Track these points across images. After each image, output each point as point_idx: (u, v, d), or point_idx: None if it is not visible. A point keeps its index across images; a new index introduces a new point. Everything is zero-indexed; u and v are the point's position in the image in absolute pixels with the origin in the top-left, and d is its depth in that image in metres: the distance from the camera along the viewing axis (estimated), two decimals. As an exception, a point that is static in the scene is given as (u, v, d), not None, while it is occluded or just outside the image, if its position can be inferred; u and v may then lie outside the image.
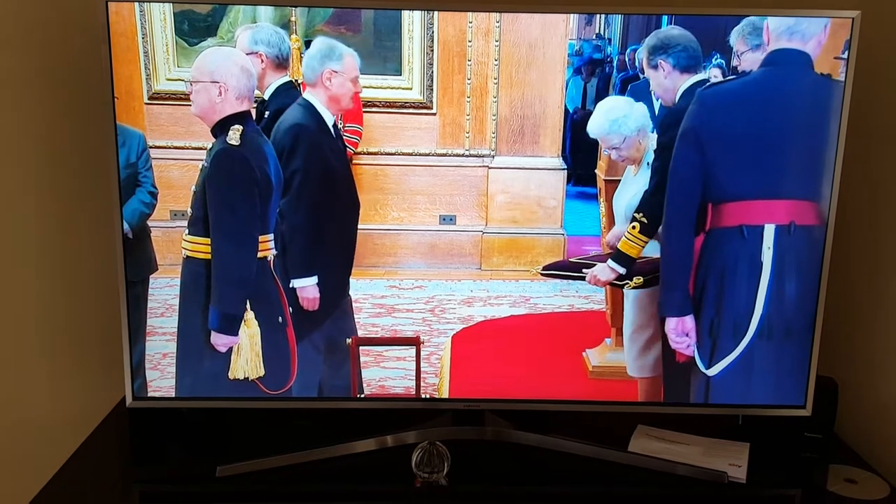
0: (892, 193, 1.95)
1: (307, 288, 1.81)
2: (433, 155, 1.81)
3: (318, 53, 1.73)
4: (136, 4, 1.68)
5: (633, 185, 1.82)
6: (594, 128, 1.77)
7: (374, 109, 1.79)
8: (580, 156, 1.81)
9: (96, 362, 2.16)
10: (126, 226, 1.76)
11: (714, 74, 1.77)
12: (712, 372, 1.84)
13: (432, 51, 1.77)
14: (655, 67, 1.73)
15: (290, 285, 1.81)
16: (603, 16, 1.76)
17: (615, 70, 1.78)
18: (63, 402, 2.20)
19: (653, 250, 1.81)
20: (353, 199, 1.80)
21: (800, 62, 1.72)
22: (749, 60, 1.73)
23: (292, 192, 1.77)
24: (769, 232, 1.78)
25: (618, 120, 1.77)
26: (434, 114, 1.81)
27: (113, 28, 1.69)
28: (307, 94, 1.77)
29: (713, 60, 1.76)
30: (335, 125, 1.78)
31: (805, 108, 1.74)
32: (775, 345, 1.82)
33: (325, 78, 1.74)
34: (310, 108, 1.77)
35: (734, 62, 1.74)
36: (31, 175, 2.07)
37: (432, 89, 1.80)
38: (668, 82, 1.74)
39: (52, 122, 2.05)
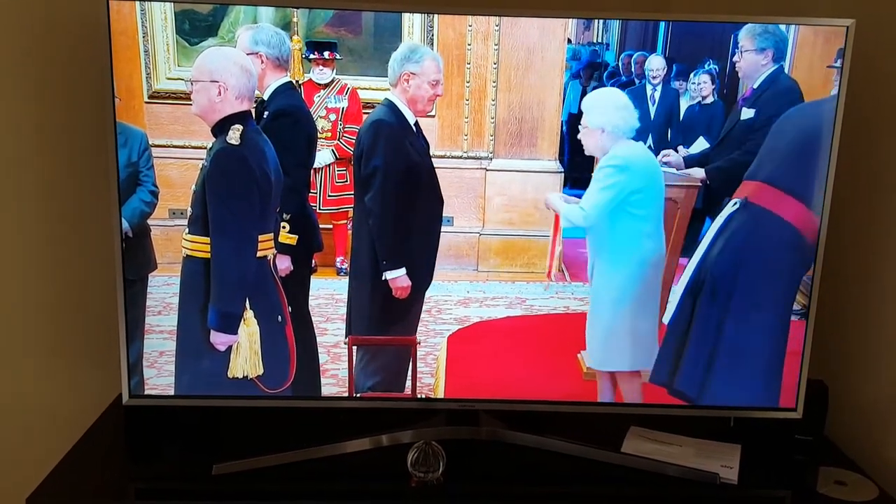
0: (885, 198, 1.97)
1: (398, 278, 1.84)
2: (432, 157, 1.82)
3: (400, 55, 1.76)
4: (137, 3, 1.69)
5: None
6: (584, 101, 1.79)
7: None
8: (577, 159, 1.83)
9: (95, 360, 2.16)
10: (126, 224, 1.77)
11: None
12: (665, 318, 1.89)
13: (432, 53, 1.78)
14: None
15: (382, 278, 1.84)
16: (601, 21, 1.78)
17: (605, 75, 1.80)
18: (60, 399, 2.20)
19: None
20: (437, 195, 1.82)
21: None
22: (749, 60, 1.75)
23: (376, 188, 1.80)
24: (730, 205, 1.83)
25: (590, 109, 1.78)
26: (433, 116, 1.82)
27: (114, 26, 1.69)
28: (389, 95, 1.78)
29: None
30: (416, 123, 1.80)
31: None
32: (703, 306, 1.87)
33: (403, 79, 1.76)
34: (391, 107, 1.79)
35: (735, 58, 1.75)
36: (31, 173, 2.07)
37: (431, 91, 1.81)
38: None
39: (53, 119, 2.05)
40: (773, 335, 1.87)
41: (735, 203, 1.82)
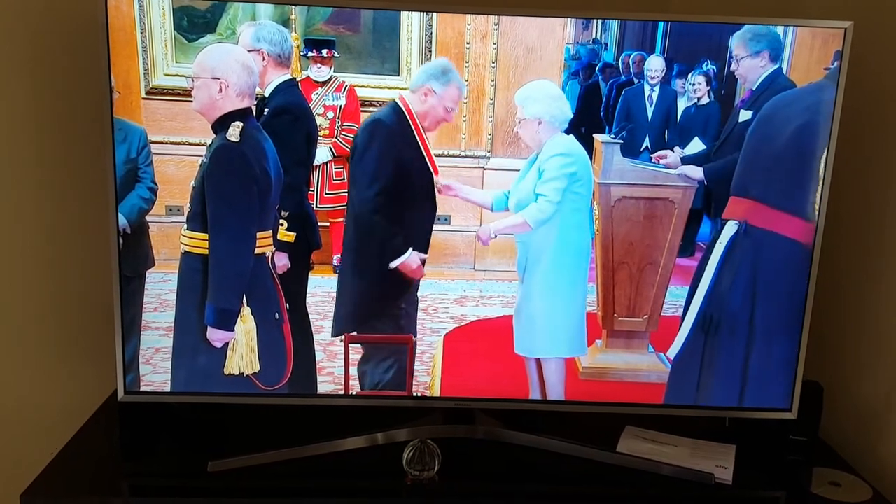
0: (879, 202, 1.98)
1: (409, 260, 1.84)
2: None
3: (430, 69, 1.77)
4: (136, -1, 1.69)
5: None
6: (517, 95, 1.79)
7: (371, 109, 1.80)
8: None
9: (91, 356, 2.16)
10: (124, 221, 1.76)
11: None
12: (671, 352, 1.90)
13: (431, 52, 1.78)
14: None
15: (390, 266, 1.84)
16: (600, 21, 1.78)
17: (600, 74, 1.80)
18: (56, 395, 2.20)
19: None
20: (432, 202, 1.83)
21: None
22: (746, 66, 1.75)
23: (364, 181, 1.80)
24: (728, 228, 1.83)
25: (525, 101, 1.78)
26: (430, 114, 1.82)
27: (111, 22, 1.68)
28: (402, 97, 1.79)
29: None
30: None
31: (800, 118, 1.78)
32: (719, 339, 1.87)
33: (422, 91, 1.77)
34: (397, 111, 1.79)
35: (733, 67, 1.76)
36: (29, 169, 2.07)
37: (430, 90, 1.81)
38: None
39: (50, 116, 2.04)
40: (793, 348, 1.88)
41: (735, 226, 1.82)
